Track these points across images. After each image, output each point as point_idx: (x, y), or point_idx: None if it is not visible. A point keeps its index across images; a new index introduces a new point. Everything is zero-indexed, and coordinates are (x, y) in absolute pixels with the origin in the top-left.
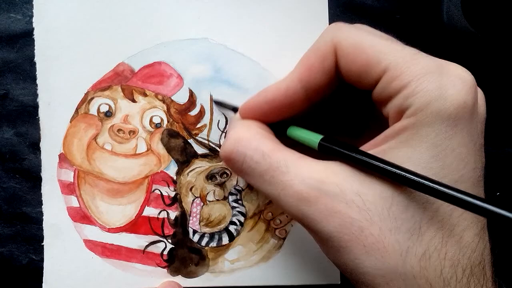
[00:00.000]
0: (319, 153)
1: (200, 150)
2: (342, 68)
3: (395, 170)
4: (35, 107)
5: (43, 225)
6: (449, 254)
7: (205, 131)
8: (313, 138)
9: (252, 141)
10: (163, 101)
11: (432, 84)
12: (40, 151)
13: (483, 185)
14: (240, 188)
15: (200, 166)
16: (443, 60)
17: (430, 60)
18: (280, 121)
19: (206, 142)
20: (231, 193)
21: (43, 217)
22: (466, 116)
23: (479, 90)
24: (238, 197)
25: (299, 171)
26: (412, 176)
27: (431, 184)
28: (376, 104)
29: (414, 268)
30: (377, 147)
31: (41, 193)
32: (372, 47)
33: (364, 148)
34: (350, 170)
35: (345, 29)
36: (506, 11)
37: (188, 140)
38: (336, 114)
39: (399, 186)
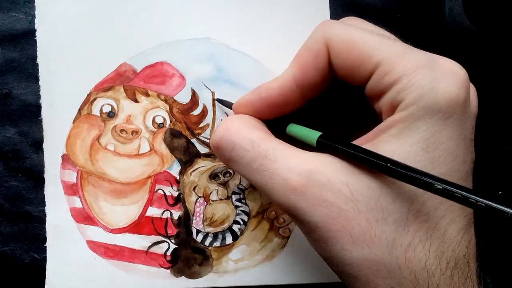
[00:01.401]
0: (317, 149)
1: (202, 149)
2: (335, 65)
3: (382, 162)
4: (38, 106)
5: (46, 226)
6: (434, 246)
7: (208, 131)
8: (312, 135)
9: (241, 130)
10: (166, 101)
11: (424, 78)
12: (43, 151)
13: (472, 179)
14: (243, 187)
15: (203, 166)
16: (435, 55)
17: (422, 55)
18: (277, 118)
19: (209, 141)
20: (234, 192)
21: (46, 218)
22: (457, 110)
23: (471, 86)
24: (242, 196)
25: (288, 160)
26: (398, 168)
27: (417, 175)
28: (369, 100)
29: (400, 259)
30: (369, 142)
31: (43, 193)
32: (363, 43)
33: (356, 142)
34: (340, 161)
35: (336, 26)
36: (508, 10)
37: (191, 140)
38: (332, 110)
39: (388, 178)
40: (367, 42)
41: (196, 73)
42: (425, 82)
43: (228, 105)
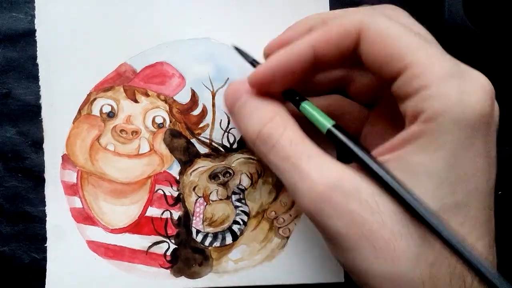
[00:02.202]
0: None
1: (202, 149)
2: (364, 54)
3: (399, 190)
4: (37, 106)
5: (46, 226)
6: (459, 263)
7: (208, 131)
8: (325, 122)
9: (280, 125)
10: (165, 101)
11: (453, 89)
12: (43, 151)
13: (494, 195)
14: (243, 187)
15: (203, 166)
16: (466, 65)
17: (453, 64)
18: (289, 90)
19: (209, 141)
20: (234, 193)
21: (46, 218)
22: (484, 126)
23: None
24: (241, 196)
25: (320, 165)
26: (414, 204)
27: (432, 222)
28: (395, 96)
29: (424, 275)
30: (394, 152)
31: (43, 193)
32: (399, 40)
33: (380, 149)
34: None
35: (377, 16)
36: (508, 9)
37: (191, 140)
38: (350, 80)
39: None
40: (401, 40)
41: (196, 73)
42: (454, 93)
43: (247, 58)
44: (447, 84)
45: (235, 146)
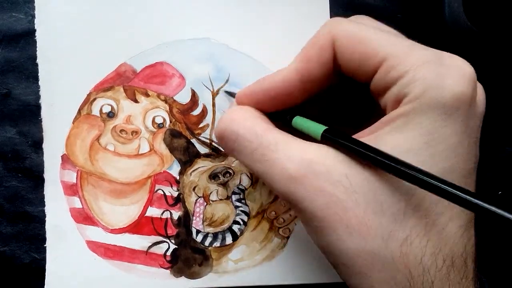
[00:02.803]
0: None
1: (202, 149)
2: (340, 60)
3: (383, 159)
4: (37, 106)
5: (46, 227)
6: (431, 242)
7: (208, 131)
8: (316, 129)
9: (245, 121)
10: (166, 101)
11: (431, 73)
12: (43, 151)
13: (475, 179)
14: (243, 187)
15: (203, 166)
16: (443, 51)
17: (429, 51)
18: (280, 111)
19: (209, 141)
20: (234, 193)
21: (46, 218)
22: (462, 107)
23: (479, 85)
24: (241, 196)
25: (288, 151)
26: (398, 165)
27: (416, 174)
28: (374, 96)
29: (395, 252)
30: (372, 133)
31: (43, 193)
32: (370, 39)
33: (359, 134)
34: (341, 154)
35: (344, 22)
36: (508, 10)
37: (191, 140)
38: (337, 106)
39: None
40: (373, 38)
41: (196, 73)
42: (430, 77)
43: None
44: (424, 69)
45: None
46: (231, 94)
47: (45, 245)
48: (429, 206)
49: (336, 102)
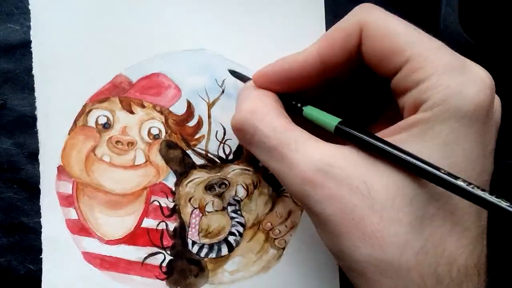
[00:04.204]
0: (331, 135)
1: (198, 161)
2: (365, 50)
3: (408, 158)
4: (33, 117)
5: (42, 238)
6: (447, 252)
7: (204, 142)
8: (330, 121)
9: (265, 115)
10: (161, 112)
11: (453, 81)
12: (39, 163)
13: (489, 189)
14: (239, 199)
15: (199, 177)
16: (466, 59)
17: (454, 56)
18: (294, 97)
19: (204, 152)
20: (230, 204)
21: (42, 230)
22: (481, 118)
23: (496, 96)
24: (237, 207)
25: (308, 152)
26: (423, 165)
27: (441, 174)
28: (394, 93)
29: (410, 261)
30: (388, 138)
31: (39, 204)
32: (399, 35)
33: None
34: (360, 156)
35: (375, 11)
36: (503, 21)
37: (187, 151)
38: (352, 98)
39: (406, 179)
40: (402, 34)
41: (192, 84)
42: (453, 84)
43: (241, 77)
44: (447, 76)
45: (231, 157)
46: (238, 76)
47: (41, 256)
48: (445, 216)
49: (352, 93)
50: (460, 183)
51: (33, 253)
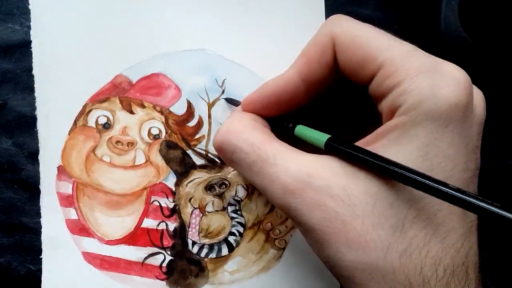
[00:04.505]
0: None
1: (198, 161)
2: (340, 61)
3: (385, 164)
4: (33, 117)
5: (42, 238)
6: (431, 253)
7: (204, 142)
8: (320, 138)
9: (242, 133)
10: (161, 112)
11: (425, 83)
12: (39, 163)
13: (476, 187)
14: (239, 199)
15: (199, 177)
16: (440, 59)
17: (426, 58)
18: (285, 117)
19: (205, 152)
20: (230, 204)
21: (42, 230)
22: (458, 117)
23: (478, 91)
24: (237, 207)
25: (287, 164)
26: (400, 170)
27: (418, 178)
28: (373, 100)
29: (394, 264)
30: (369, 145)
31: (39, 204)
32: (370, 42)
33: (357, 145)
34: (339, 165)
35: (344, 22)
36: (504, 21)
37: (187, 151)
38: (339, 112)
39: (386, 184)
40: (373, 41)
41: (192, 84)
42: (425, 87)
43: (237, 104)
44: (419, 79)
45: None
46: (231, 102)
47: (40, 257)
48: (428, 217)
49: (339, 107)
50: (433, 184)
51: (33, 253)
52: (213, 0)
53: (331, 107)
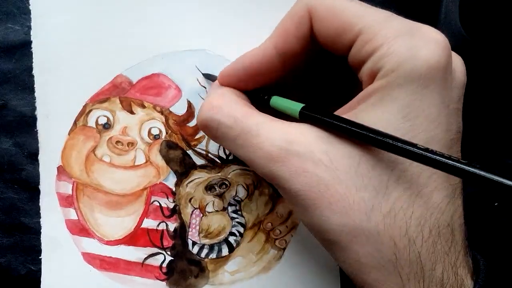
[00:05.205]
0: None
1: (198, 161)
2: (317, 33)
3: (364, 131)
4: (33, 117)
5: (41, 238)
6: (416, 214)
7: (204, 142)
8: (295, 107)
9: (224, 108)
10: (162, 112)
11: (404, 46)
12: (39, 163)
13: (459, 149)
14: (239, 199)
15: (199, 177)
16: (417, 22)
17: (403, 22)
18: (262, 90)
19: (205, 153)
20: (230, 204)
21: (42, 230)
22: (438, 77)
23: (457, 56)
24: (237, 207)
25: (270, 134)
26: (379, 137)
27: (396, 143)
28: (353, 69)
29: (379, 225)
30: (350, 111)
31: (39, 204)
32: (346, 11)
33: (338, 112)
34: (320, 130)
35: None
36: (504, 19)
37: (187, 151)
38: (318, 83)
39: (367, 147)
40: (350, 10)
41: (192, 84)
42: (404, 49)
43: (213, 78)
44: (398, 42)
45: (231, 157)
46: (210, 77)
47: (40, 257)
48: (411, 178)
49: (318, 79)
50: (401, 145)
51: (33, 253)
52: (213, 0)
53: (311, 80)
